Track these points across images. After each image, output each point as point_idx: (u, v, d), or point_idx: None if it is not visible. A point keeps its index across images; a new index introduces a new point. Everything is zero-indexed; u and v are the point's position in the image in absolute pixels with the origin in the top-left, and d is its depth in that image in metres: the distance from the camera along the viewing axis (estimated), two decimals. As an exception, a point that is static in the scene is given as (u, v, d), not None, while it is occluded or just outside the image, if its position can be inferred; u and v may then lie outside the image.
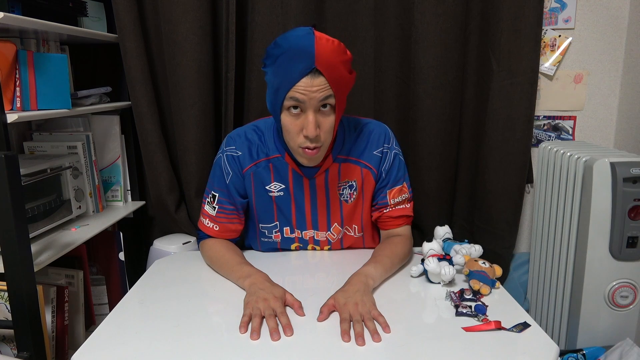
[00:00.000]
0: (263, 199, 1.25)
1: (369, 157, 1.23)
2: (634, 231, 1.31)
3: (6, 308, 1.22)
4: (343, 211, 1.27)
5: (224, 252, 1.22)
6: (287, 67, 1.01)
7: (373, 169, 1.24)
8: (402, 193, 1.27)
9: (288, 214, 1.27)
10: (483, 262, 1.11)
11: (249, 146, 1.22)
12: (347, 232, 1.31)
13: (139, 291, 1.11)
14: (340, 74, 1.03)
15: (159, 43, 1.62)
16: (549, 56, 1.69)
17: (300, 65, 1.00)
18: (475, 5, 1.59)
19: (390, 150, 1.25)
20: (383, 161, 1.24)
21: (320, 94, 1.02)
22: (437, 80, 1.58)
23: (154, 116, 1.60)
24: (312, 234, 1.30)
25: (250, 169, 1.22)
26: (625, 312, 1.37)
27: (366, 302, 0.98)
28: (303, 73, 1.00)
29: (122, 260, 1.60)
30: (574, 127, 1.76)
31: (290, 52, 1.00)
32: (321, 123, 1.06)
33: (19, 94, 1.25)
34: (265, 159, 1.22)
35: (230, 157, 1.23)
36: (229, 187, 1.24)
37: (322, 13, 1.60)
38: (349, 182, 1.23)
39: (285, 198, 1.24)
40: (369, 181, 1.25)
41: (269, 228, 1.29)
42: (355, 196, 1.25)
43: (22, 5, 1.25)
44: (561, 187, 1.49)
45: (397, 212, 1.28)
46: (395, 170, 1.26)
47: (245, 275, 1.09)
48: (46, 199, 1.36)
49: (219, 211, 1.25)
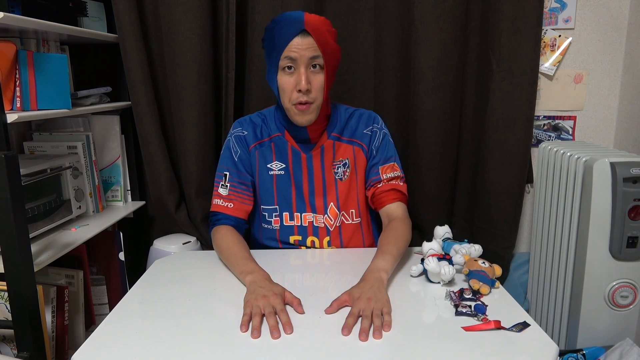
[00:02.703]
0: (265, 178, 1.34)
1: (360, 135, 1.34)
2: (634, 231, 1.31)
3: (6, 308, 1.22)
4: (338, 190, 1.34)
5: (233, 244, 1.24)
6: (281, 32, 1.18)
7: (364, 146, 1.34)
8: (394, 170, 1.35)
9: (288, 195, 1.33)
10: (483, 262, 1.11)
11: (254, 127, 1.35)
12: (345, 219, 1.34)
13: (139, 291, 1.11)
14: (326, 38, 1.19)
15: (159, 43, 1.62)
16: (549, 56, 1.69)
17: (292, 28, 1.17)
18: (475, 5, 1.59)
19: (379, 130, 1.35)
20: (373, 139, 1.34)
21: (309, 52, 1.17)
22: (437, 80, 1.58)
23: (154, 116, 1.60)
24: (311, 218, 1.33)
25: (256, 147, 1.34)
26: (625, 312, 1.37)
27: (380, 299, 0.99)
28: (294, 34, 1.16)
29: (122, 260, 1.60)
30: (574, 127, 1.76)
31: (283, 21, 1.19)
32: (312, 80, 1.19)
33: (19, 94, 1.25)
34: (268, 139, 1.33)
35: (237, 137, 1.34)
36: (238, 165, 1.33)
37: (322, 13, 1.60)
38: (342, 161, 1.33)
39: (285, 178, 1.33)
40: (360, 158, 1.35)
41: (269, 211, 1.34)
42: (348, 173, 1.34)
43: (22, 5, 1.25)
44: (561, 187, 1.49)
45: (390, 186, 1.33)
46: (385, 148, 1.35)
47: (248, 271, 1.11)
48: (46, 199, 1.36)
49: (231, 189, 1.33)
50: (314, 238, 1.34)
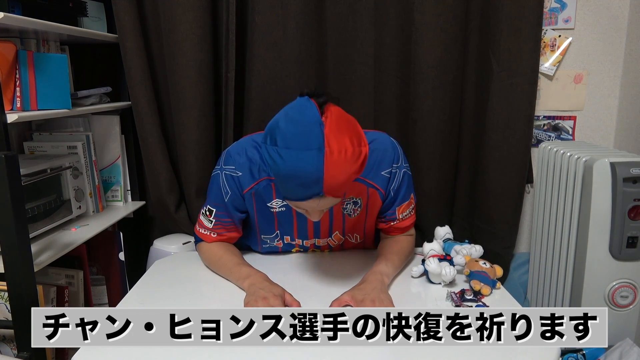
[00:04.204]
0: (264, 214, 1.22)
1: (376, 177, 1.18)
2: (634, 231, 1.31)
3: (6, 308, 1.21)
4: (346, 224, 1.25)
5: (221, 253, 1.21)
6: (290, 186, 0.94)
7: (380, 190, 1.19)
8: (410, 205, 1.24)
9: (289, 227, 1.25)
10: (484, 263, 1.11)
11: (249, 166, 1.16)
12: (349, 239, 1.31)
13: (139, 291, 1.11)
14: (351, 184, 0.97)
15: (159, 43, 1.62)
16: (549, 56, 1.69)
17: (307, 191, 0.93)
18: (475, 5, 1.59)
19: (399, 170, 1.19)
20: (392, 181, 1.19)
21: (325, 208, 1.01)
22: (437, 80, 1.58)
23: (154, 116, 1.60)
24: (313, 242, 1.30)
25: (251, 190, 1.17)
26: (625, 312, 1.37)
27: (384, 300, 0.99)
28: (309, 197, 0.94)
29: (122, 260, 1.60)
30: (574, 127, 1.76)
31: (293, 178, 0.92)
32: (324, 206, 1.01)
33: (19, 94, 1.25)
34: (267, 178, 1.16)
35: (229, 177, 1.17)
36: (227, 205, 1.20)
37: (322, 13, 1.60)
38: (353, 199, 1.19)
39: (287, 213, 1.21)
40: (375, 200, 1.21)
41: (271, 238, 1.28)
42: (359, 212, 1.22)
43: (22, 5, 1.25)
44: (561, 187, 1.49)
45: (404, 223, 1.26)
46: (405, 188, 1.22)
47: (245, 276, 1.09)
48: (46, 199, 1.36)
49: (215, 224, 1.23)
50: (315, 250, 1.33)
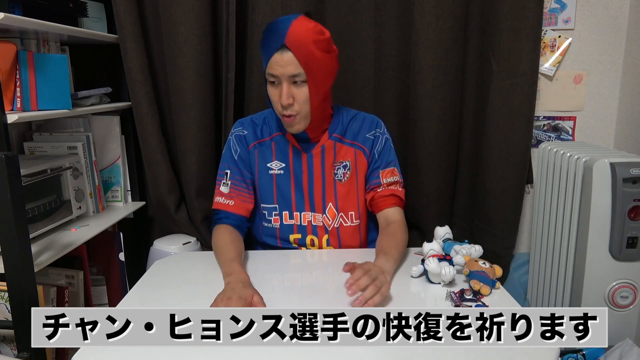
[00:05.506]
0: (265, 178, 1.34)
1: (362, 139, 1.33)
2: (634, 231, 1.31)
3: (6, 308, 1.22)
4: (337, 192, 1.33)
5: (225, 243, 1.25)
6: (266, 44, 1.17)
7: (366, 150, 1.33)
8: (394, 175, 1.35)
9: (287, 194, 1.33)
10: (483, 263, 1.11)
11: (254, 127, 1.36)
12: (344, 221, 1.34)
13: (139, 291, 1.11)
14: (310, 52, 1.14)
15: (159, 43, 1.62)
16: (548, 56, 1.70)
17: (273, 42, 1.14)
18: (475, 5, 1.59)
19: (382, 135, 1.35)
20: (375, 144, 1.34)
21: (289, 69, 1.14)
22: (437, 80, 1.58)
23: (154, 117, 1.60)
24: (310, 217, 1.34)
25: (255, 146, 1.34)
26: (625, 312, 1.37)
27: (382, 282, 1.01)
28: (275, 48, 1.14)
29: (122, 260, 1.60)
30: (573, 128, 1.76)
31: (269, 32, 1.16)
32: (295, 94, 1.18)
33: (19, 95, 1.25)
34: (269, 138, 1.34)
35: (237, 137, 1.35)
36: (238, 163, 1.34)
37: (322, 13, 1.60)
38: (343, 162, 1.33)
39: (284, 177, 1.33)
40: (361, 162, 1.34)
41: (269, 210, 1.34)
42: (348, 175, 1.33)
43: (22, 6, 1.25)
44: (561, 188, 1.49)
45: (389, 192, 1.33)
46: (387, 153, 1.35)
47: (229, 273, 1.12)
48: (46, 200, 1.36)
49: (232, 187, 1.33)
50: (313, 237, 1.35)
